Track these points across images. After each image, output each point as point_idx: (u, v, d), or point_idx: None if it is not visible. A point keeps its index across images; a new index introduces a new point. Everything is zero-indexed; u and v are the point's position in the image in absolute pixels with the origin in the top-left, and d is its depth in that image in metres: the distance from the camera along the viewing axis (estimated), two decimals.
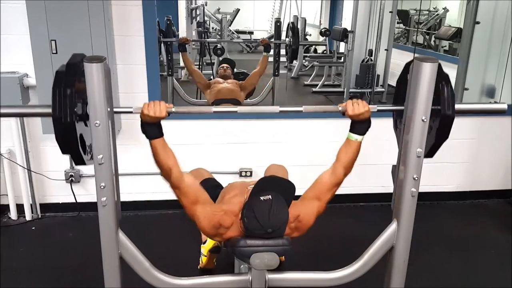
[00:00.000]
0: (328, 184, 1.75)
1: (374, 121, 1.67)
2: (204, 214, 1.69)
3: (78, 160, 1.52)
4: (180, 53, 3.95)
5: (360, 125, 1.66)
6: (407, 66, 1.65)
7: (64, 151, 1.47)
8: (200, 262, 2.48)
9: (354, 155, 1.71)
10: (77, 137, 1.44)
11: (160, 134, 1.59)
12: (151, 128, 1.57)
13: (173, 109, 1.58)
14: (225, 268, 2.23)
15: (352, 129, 1.69)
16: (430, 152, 1.66)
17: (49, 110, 1.40)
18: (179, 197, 1.69)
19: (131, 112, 1.57)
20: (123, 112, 1.64)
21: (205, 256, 2.44)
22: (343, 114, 1.65)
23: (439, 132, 1.60)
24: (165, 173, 1.64)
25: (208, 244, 2.42)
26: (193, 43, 4.89)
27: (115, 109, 1.58)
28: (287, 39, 4.06)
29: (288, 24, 4.08)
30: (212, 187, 2.12)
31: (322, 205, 1.76)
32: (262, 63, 3.92)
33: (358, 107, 1.61)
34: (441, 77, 1.55)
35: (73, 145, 1.45)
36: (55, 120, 1.39)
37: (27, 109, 1.76)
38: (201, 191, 1.75)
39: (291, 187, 1.71)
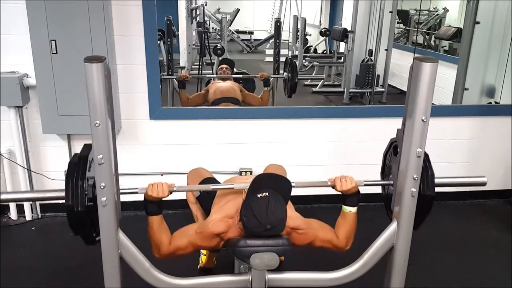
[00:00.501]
0: (329, 238, 1.81)
1: (375, 121, 1.68)
2: (199, 240, 1.75)
3: (88, 240, 1.62)
4: (179, 90, 3.81)
5: (351, 198, 1.79)
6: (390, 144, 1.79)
7: (76, 233, 1.60)
8: (200, 262, 2.48)
9: (352, 226, 1.80)
10: (88, 223, 1.55)
11: (159, 212, 1.72)
12: (152, 206, 1.71)
13: (175, 188, 1.71)
14: (225, 268, 2.23)
15: (344, 202, 1.80)
16: (415, 224, 1.74)
17: (62, 194, 1.55)
18: (177, 254, 1.76)
19: (136, 193, 1.69)
20: (128, 193, 1.71)
21: (205, 255, 2.45)
22: (332, 187, 1.76)
23: (420, 209, 1.68)
24: (155, 247, 1.74)
25: None
26: (193, 45, 4.89)
27: (121, 190, 1.67)
28: (285, 73, 4.05)
29: (286, 59, 4.04)
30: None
31: (314, 241, 1.81)
32: (263, 99, 3.89)
33: (346, 183, 1.75)
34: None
35: (84, 229, 1.58)
36: (68, 208, 1.52)
37: (40, 194, 1.85)
38: (183, 231, 1.80)
39: (287, 183, 1.71)
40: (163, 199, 1.71)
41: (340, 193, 1.78)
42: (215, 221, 1.73)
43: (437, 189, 1.68)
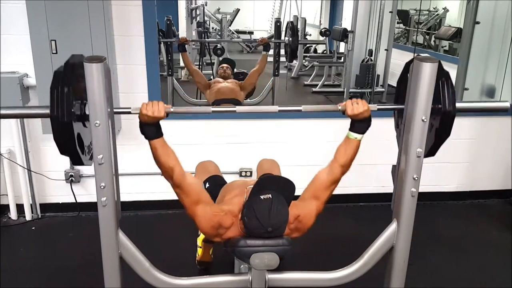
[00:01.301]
0: (326, 182, 1.75)
1: (375, 121, 1.67)
2: (205, 214, 1.68)
3: (76, 160, 1.51)
4: (180, 53, 3.96)
5: (360, 124, 1.66)
6: (408, 65, 1.65)
7: (62, 151, 1.47)
8: (197, 255, 2.49)
9: (353, 154, 1.71)
10: (74, 136, 1.43)
11: (159, 134, 1.58)
12: (150, 129, 1.56)
13: (172, 109, 1.58)
14: (225, 268, 2.23)
15: (352, 128, 1.69)
16: (431, 151, 1.66)
17: (48, 111, 1.40)
18: (180, 196, 1.68)
19: (129, 113, 1.56)
20: (121, 113, 1.64)
21: (201, 247, 2.45)
22: (343, 113, 1.65)
23: (440, 130, 1.59)
24: (167, 173, 1.63)
25: (202, 235, 2.42)
26: (193, 43, 4.90)
27: (114, 110, 1.58)
28: (286, 38, 4.06)
29: (287, 24, 4.08)
30: (217, 186, 2.12)
31: (320, 204, 1.76)
32: (261, 62, 3.92)
33: (357, 106, 1.62)
34: (442, 74, 1.54)
35: (70, 145, 1.44)
36: (53, 119, 1.39)
37: (25, 110, 1.76)
38: (203, 191, 1.75)
39: (291, 186, 1.70)
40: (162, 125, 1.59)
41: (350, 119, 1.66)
42: (225, 212, 1.69)
43: (438, 188, 1.67)
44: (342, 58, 5.40)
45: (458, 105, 1.57)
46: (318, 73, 5.51)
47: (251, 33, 7.30)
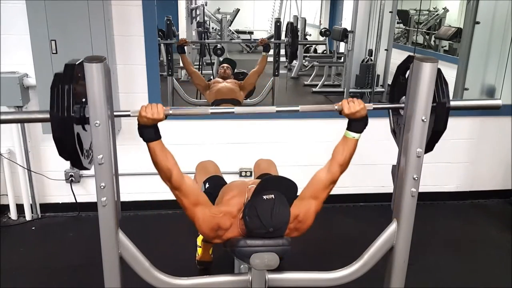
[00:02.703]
0: (324, 182, 1.75)
1: (374, 121, 1.68)
2: (204, 216, 1.69)
3: (74, 161, 1.50)
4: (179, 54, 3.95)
5: (357, 123, 1.68)
6: (400, 67, 1.70)
7: (61, 153, 1.46)
8: (197, 255, 2.48)
9: (351, 153, 1.73)
10: (74, 138, 1.43)
11: (158, 137, 1.59)
12: (148, 131, 1.57)
13: (171, 111, 1.58)
14: (225, 268, 2.24)
15: (349, 127, 1.71)
16: (429, 145, 1.66)
17: (48, 116, 1.40)
18: (179, 198, 1.68)
19: (129, 115, 1.58)
20: (121, 116, 1.64)
21: (200, 247, 2.45)
22: (339, 113, 1.67)
23: (435, 124, 1.60)
24: (165, 175, 1.63)
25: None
26: (193, 44, 4.89)
27: (115, 113, 1.58)
28: (286, 39, 4.05)
29: (287, 24, 4.07)
30: (217, 186, 2.12)
31: (319, 204, 1.77)
32: (261, 63, 3.92)
33: (353, 105, 1.64)
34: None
35: (70, 143, 1.43)
36: (53, 119, 1.39)
37: (26, 114, 1.74)
38: (201, 193, 1.75)
39: (294, 187, 1.71)
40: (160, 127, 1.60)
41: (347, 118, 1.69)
42: (224, 213, 1.71)
43: (438, 188, 1.67)
44: (342, 58, 5.39)
45: (452, 103, 1.58)
46: (318, 73, 5.50)
47: (251, 33, 7.30)
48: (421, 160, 1.61)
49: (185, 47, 3.97)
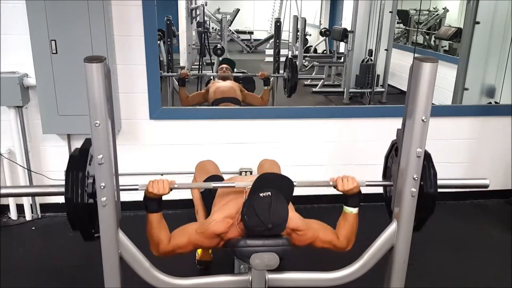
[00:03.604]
0: (329, 238, 1.80)
1: (374, 121, 1.68)
2: (199, 240, 1.74)
3: (87, 236, 1.60)
4: (179, 87, 3.82)
5: (352, 199, 1.77)
6: (393, 143, 1.78)
7: (74, 228, 1.57)
8: (197, 254, 2.49)
9: (353, 227, 1.79)
10: (87, 217, 1.54)
11: (159, 209, 1.71)
12: (152, 203, 1.70)
13: (176, 185, 1.70)
14: (225, 268, 2.23)
15: (346, 203, 1.79)
16: (418, 225, 1.74)
17: (62, 190, 1.53)
18: (178, 252, 1.75)
19: (136, 189, 1.68)
20: (128, 189, 1.73)
21: None
22: (334, 187, 1.75)
23: (423, 208, 1.68)
24: (153, 244, 1.73)
25: None
26: (193, 45, 4.89)
27: (121, 187, 1.68)
28: (285, 73, 4.05)
29: (286, 59, 4.03)
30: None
31: (312, 242, 1.80)
32: (264, 96, 3.90)
33: (347, 183, 1.73)
34: (424, 156, 1.62)
35: (83, 223, 1.56)
36: (67, 201, 1.51)
37: (39, 189, 1.91)
38: (183, 230, 1.79)
39: (290, 183, 1.72)
40: (163, 196, 1.70)
41: (341, 193, 1.77)
42: (216, 221, 1.73)
43: (438, 190, 1.68)
44: (342, 58, 5.39)
45: (439, 182, 1.66)
46: (318, 73, 5.51)
47: (251, 33, 7.29)
48: (421, 160, 1.61)
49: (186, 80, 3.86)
